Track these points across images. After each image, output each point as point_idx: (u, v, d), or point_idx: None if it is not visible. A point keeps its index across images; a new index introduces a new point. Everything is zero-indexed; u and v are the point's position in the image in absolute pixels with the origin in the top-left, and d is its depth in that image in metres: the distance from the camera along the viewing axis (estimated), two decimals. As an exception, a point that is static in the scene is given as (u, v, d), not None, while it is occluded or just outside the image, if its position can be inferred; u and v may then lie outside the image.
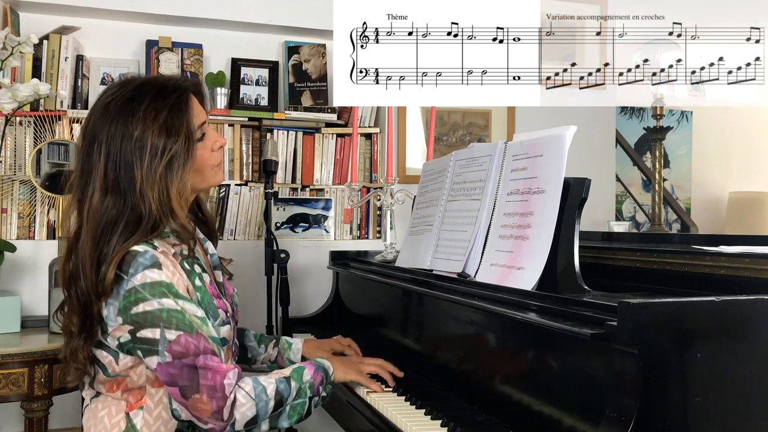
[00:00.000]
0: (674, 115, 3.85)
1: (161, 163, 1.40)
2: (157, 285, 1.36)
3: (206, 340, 1.37)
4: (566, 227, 1.36)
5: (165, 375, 1.35)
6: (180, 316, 1.36)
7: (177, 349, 1.34)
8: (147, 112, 1.42)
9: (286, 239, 2.84)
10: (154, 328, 1.34)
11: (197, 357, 1.34)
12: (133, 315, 1.35)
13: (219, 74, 2.86)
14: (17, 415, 2.33)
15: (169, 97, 1.45)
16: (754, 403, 1.06)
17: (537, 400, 1.26)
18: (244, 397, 1.36)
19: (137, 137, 1.40)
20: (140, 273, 1.36)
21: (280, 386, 1.41)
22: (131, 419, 1.43)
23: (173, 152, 1.41)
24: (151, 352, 1.35)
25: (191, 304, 1.40)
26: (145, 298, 1.35)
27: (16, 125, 2.55)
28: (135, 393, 1.45)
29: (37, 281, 2.50)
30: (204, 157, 1.50)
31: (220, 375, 1.34)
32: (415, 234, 1.95)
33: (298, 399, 1.44)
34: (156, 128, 1.41)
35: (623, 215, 3.74)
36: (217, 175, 1.56)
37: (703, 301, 1.05)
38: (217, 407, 1.33)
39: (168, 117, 1.42)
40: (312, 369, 1.49)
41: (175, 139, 1.42)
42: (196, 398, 1.33)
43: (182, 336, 1.34)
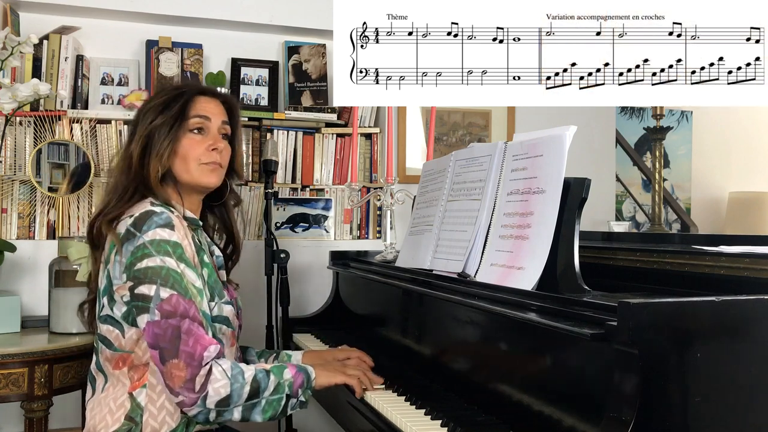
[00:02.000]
0: (674, 115, 3.85)
1: (146, 130, 1.56)
2: (164, 243, 1.43)
3: (197, 309, 1.41)
4: (566, 227, 1.36)
5: (150, 335, 1.39)
6: (178, 278, 1.42)
7: (166, 307, 1.39)
8: (159, 94, 1.62)
9: (286, 239, 2.84)
10: (150, 284, 1.40)
11: (183, 320, 1.38)
12: (135, 270, 1.42)
13: (219, 74, 2.86)
14: (17, 415, 2.33)
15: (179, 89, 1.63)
16: (754, 403, 1.06)
17: (537, 400, 1.26)
18: (220, 374, 1.38)
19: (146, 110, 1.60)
20: (152, 230, 1.44)
21: (258, 375, 1.43)
22: (135, 398, 1.47)
23: (158, 123, 1.56)
24: (144, 309, 1.40)
25: (192, 272, 1.46)
26: (150, 254, 1.42)
27: (16, 125, 2.55)
28: (139, 370, 1.49)
29: (37, 281, 2.50)
30: (192, 147, 1.58)
31: (201, 345, 1.38)
32: (415, 234, 1.95)
33: (276, 395, 1.44)
34: (156, 105, 1.58)
35: (623, 215, 3.74)
36: (207, 175, 1.60)
37: (703, 301, 1.05)
38: (191, 375, 1.36)
39: (170, 99, 1.58)
40: (294, 370, 1.50)
41: (165, 114, 1.56)
42: (173, 363, 1.36)
43: (174, 296, 1.40)
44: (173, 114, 1.56)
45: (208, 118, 1.60)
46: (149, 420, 1.46)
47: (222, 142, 1.62)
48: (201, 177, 1.59)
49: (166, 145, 1.54)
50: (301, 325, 2.38)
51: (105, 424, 1.48)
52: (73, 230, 2.60)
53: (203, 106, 1.61)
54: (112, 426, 1.47)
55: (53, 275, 2.19)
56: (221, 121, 1.63)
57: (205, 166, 1.59)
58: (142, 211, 1.47)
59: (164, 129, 1.55)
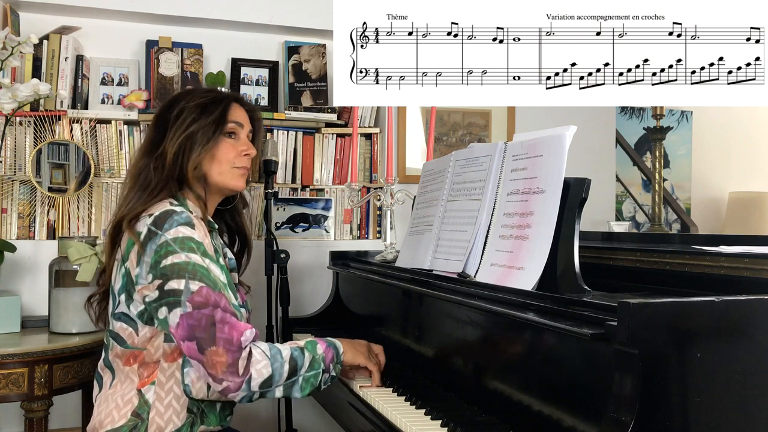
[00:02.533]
0: (674, 115, 3.85)
1: (186, 132, 1.59)
2: (188, 240, 1.46)
3: (227, 300, 1.43)
4: (566, 227, 1.36)
5: (185, 328, 1.39)
6: (204, 272, 1.44)
7: (198, 299, 1.40)
8: (194, 96, 1.65)
9: (286, 239, 2.84)
10: (179, 279, 1.42)
11: (216, 309, 1.40)
12: (162, 268, 1.43)
13: (219, 74, 2.86)
14: (17, 415, 2.33)
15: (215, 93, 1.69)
16: (754, 403, 1.06)
17: (537, 400, 1.26)
18: (260, 355, 1.41)
19: (180, 109, 1.62)
20: (173, 228, 1.46)
21: (294, 353, 1.46)
22: (143, 395, 1.48)
23: (199, 126, 1.60)
24: (176, 303, 1.41)
25: (216, 266, 1.48)
26: (174, 251, 1.44)
27: (16, 125, 2.55)
28: (150, 367, 1.50)
29: (37, 281, 2.50)
30: (228, 151, 1.65)
31: (237, 331, 1.39)
32: (415, 234, 1.95)
33: (311, 371, 1.48)
34: (194, 106, 1.62)
35: (623, 215, 3.74)
36: (237, 179, 1.67)
37: (702, 301, 1.05)
38: (233, 359, 1.37)
39: (208, 102, 1.63)
40: (324, 345, 1.54)
41: (205, 117, 1.61)
42: (212, 350, 1.37)
43: (204, 288, 1.41)
44: (215, 118, 1.61)
45: (241, 125, 1.68)
46: (155, 417, 1.47)
47: (253, 149, 1.69)
48: (232, 180, 1.66)
49: (209, 147, 1.60)
50: (301, 325, 2.38)
51: (111, 419, 1.48)
52: (73, 230, 2.60)
53: (237, 113, 1.68)
54: (118, 421, 1.47)
55: (53, 275, 2.19)
56: (249, 129, 1.71)
57: (236, 170, 1.66)
58: (161, 210, 1.49)
59: (208, 130, 1.60)
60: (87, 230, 2.62)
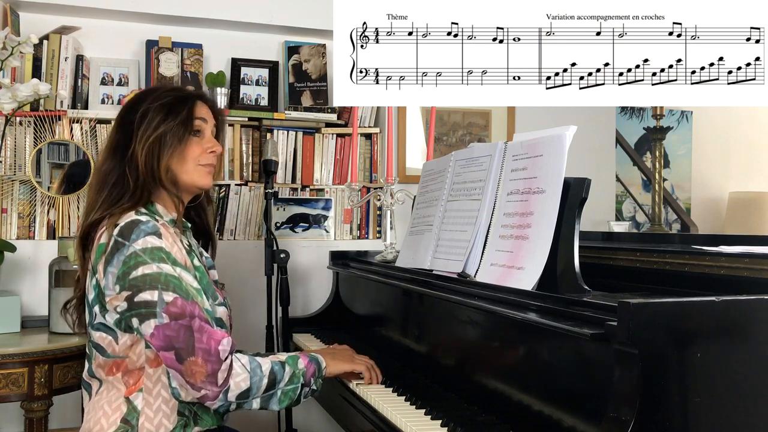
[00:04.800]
0: (674, 115, 3.85)
1: (154, 133, 1.54)
2: (157, 250, 1.44)
3: (201, 309, 1.43)
4: (566, 227, 1.36)
5: (161, 339, 1.39)
6: (177, 282, 1.42)
7: (174, 310, 1.39)
8: (158, 96, 1.60)
9: (286, 239, 2.84)
10: (152, 290, 1.40)
11: (193, 319, 1.40)
12: (131, 279, 1.41)
13: (219, 74, 2.86)
14: (17, 415, 2.33)
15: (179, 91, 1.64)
16: (754, 403, 1.06)
17: (537, 400, 1.26)
18: (240, 368, 1.43)
19: (144, 110, 1.57)
20: (141, 238, 1.43)
21: (274, 367, 1.48)
22: (132, 402, 1.47)
23: (167, 128, 1.55)
24: (149, 315, 1.40)
25: (188, 274, 1.47)
26: (144, 261, 1.42)
27: (16, 125, 2.55)
28: (134, 374, 1.49)
29: (37, 281, 2.50)
30: (193, 150, 1.60)
31: (214, 340, 1.40)
32: (415, 234, 1.95)
33: (290, 384, 1.50)
34: (159, 106, 1.57)
35: (623, 215, 3.74)
36: (204, 176, 1.63)
37: (703, 301, 1.05)
38: (212, 370, 1.38)
39: (173, 102, 1.59)
40: (306, 360, 1.55)
41: (173, 118, 1.56)
42: (191, 361, 1.38)
43: (178, 299, 1.40)
44: (183, 118, 1.58)
45: (206, 121, 1.64)
46: (145, 423, 1.46)
47: (219, 146, 1.66)
48: (198, 178, 1.62)
49: (180, 148, 1.57)
50: (300, 326, 2.38)
51: (100, 427, 1.48)
52: (73, 230, 2.60)
53: (202, 110, 1.64)
54: (108, 429, 1.47)
55: (53, 275, 2.19)
56: (213, 124, 1.67)
57: (202, 167, 1.62)
58: (127, 220, 1.46)
59: (177, 131, 1.57)
60: (87, 230, 2.62)
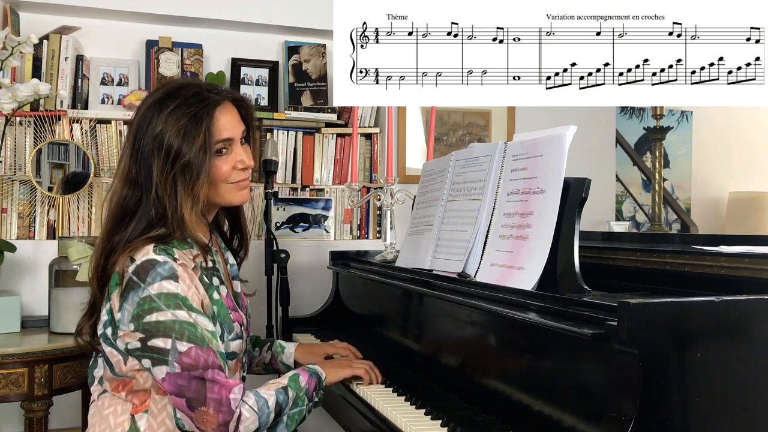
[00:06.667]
0: (674, 115, 3.85)
1: (174, 168, 1.42)
2: (173, 297, 1.38)
3: (215, 354, 1.39)
4: (566, 227, 1.36)
5: (172, 385, 1.37)
6: (192, 329, 1.38)
7: (187, 361, 1.36)
8: (171, 113, 1.44)
9: (286, 239, 2.84)
10: (166, 338, 1.36)
11: (206, 370, 1.36)
12: (145, 323, 1.37)
13: (219, 74, 2.86)
14: (17, 415, 2.33)
15: (194, 106, 1.46)
16: (754, 403, 1.06)
17: (537, 400, 1.26)
18: (249, 412, 1.40)
19: (158, 133, 1.44)
20: (157, 283, 1.38)
21: (279, 398, 1.45)
22: (136, 422, 1.45)
23: (187, 159, 1.42)
24: (161, 361, 1.37)
25: (204, 317, 1.42)
26: (159, 308, 1.37)
27: (16, 125, 2.55)
28: (140, 395, 1.46)
29: (37, 281, 2.50)
30: (221, 171, 1.49)
31: (226, 390, 1.37)
32: (415, 234, 1.95)
33: (296, 408, 1.49)
34: (174, 130, 1.43)
35: (623, 215, 3.74)
36: (237, 193, 1.54)
37: (702, 301, 1.05)
38: (223, 420, 1.36)
39: (187, 123, 1.44)
40: (306, 375, 1.54)
41: (190, 144, 1.43)
42: (203, 411, 1.36)
43: (193, 348, 1.36)
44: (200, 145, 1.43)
45: (231, 139, 1.51)
46: None
47: (250, 159, 1.55)
48: (232, 197, 1.54)
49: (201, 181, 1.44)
50: (300, 325, 2.38)
51: None
52: (73, 230, 2.60)
53: (223, 123, 1.49)
54: None
55: (53, 275, 2.19)
56: (241, 131, 1.54)
57: (233, 185, 1.53)
58: (144, 258, 1.39)
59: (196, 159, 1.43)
60: (87, 230, 2.62)
